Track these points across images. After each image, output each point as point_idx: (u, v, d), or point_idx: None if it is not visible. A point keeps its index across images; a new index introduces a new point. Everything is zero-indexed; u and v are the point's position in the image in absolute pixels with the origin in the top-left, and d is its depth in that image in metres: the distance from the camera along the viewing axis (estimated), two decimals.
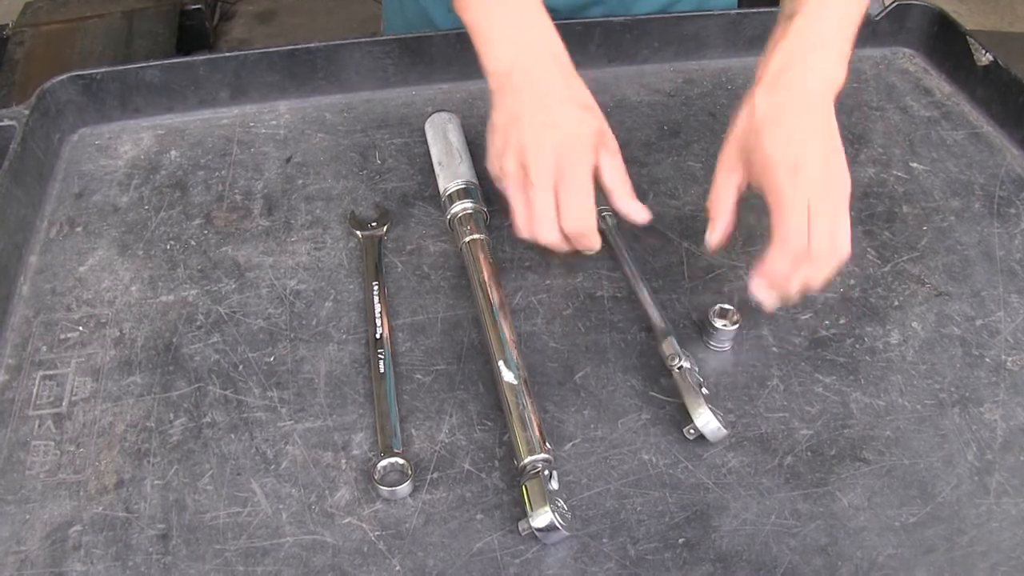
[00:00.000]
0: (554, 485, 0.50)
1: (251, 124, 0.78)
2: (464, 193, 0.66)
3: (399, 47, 0.80)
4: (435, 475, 0.52)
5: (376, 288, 0.62)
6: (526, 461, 0.50)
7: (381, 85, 0.76)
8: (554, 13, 0.74)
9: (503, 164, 0.58)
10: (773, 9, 0.85)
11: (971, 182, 0.73)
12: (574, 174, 0.57)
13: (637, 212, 0.61)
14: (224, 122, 0.79)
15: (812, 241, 0.55)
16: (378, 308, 0.61)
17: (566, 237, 0.58)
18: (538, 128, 0.57)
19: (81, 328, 0.60)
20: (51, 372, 0.58)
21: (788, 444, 0.54)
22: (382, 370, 0.57)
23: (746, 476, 0.52)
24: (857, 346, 0.60)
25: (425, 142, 0.74)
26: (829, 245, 0.55)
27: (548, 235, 0.57)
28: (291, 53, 0.78)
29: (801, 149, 0.56)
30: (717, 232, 0.60)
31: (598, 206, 0.67)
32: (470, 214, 0.65)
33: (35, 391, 0.56)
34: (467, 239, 0.64)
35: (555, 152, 0.56)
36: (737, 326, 0.58)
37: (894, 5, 0.86)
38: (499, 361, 0.55)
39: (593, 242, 0.59)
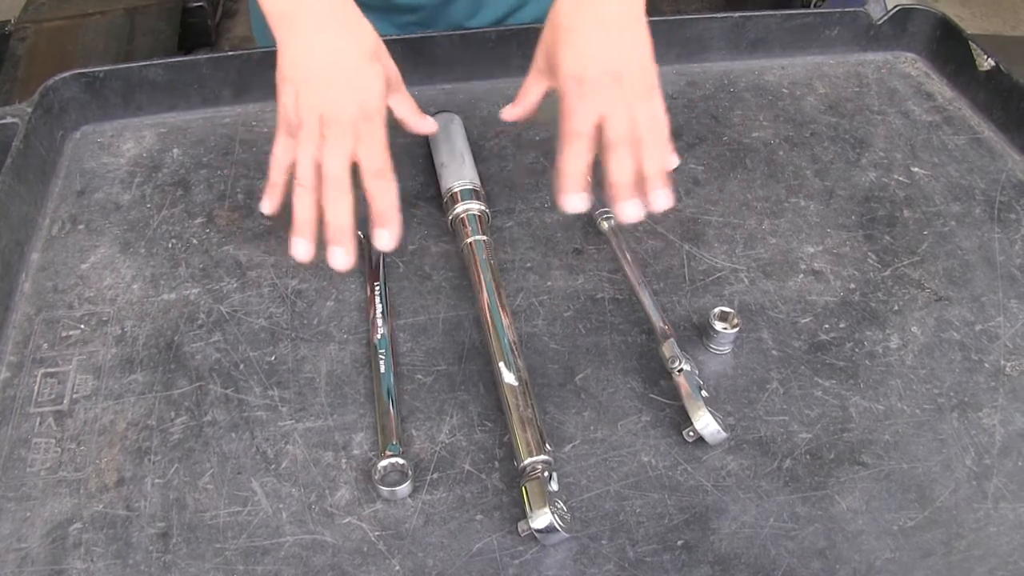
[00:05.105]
0: (554, 486, 0.50)
1: (253, 123, 0.78)
2: (466, 194, 0.66)
3: (402, 47, 0.80)
4: (435, 476, 0.52)
5: (377, 288, 0.62)
6: (526, 462, 0.50)
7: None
8: (414, 11, 0.84)
9: (301, 122, 0.59)
10: (775, 12, 0.85)
11: (972, 187, 0.74)
12: (371, 132, 0.59)
13: (426, 126, 0.67)
14: (227, 121, 0.79)
15: (608, 132, 0.59)
16: (379, 308, 0.61)
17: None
18: (336, 92, 0.59)
19: (83, 326, 0.61)
20: (52, 370, 0.58)
21: (787, 447, 0.54)
22: (383, 370, 0.57)
23: (745, 479, 0.53)
24: (857, 350, 0.60)
25: (427, 143, 0.75)
26: (628, 131, 0.58)
27: (338, 191, 0.58)
28: None
29: (591, 61, 0.60)
30: (515, 112, 0.66)
31: (598, 209, 0.67)
32: (472, 215, 0.65)
33: (36, 388, 0.57)
34: (469, 240, 0.64)
35: (354, 114, 0.58)
36: (737, 329, 0.58)
37: (896, 9, 0.87)
38: (500, 362, 0.55)
39: (392, 194, 0.60)
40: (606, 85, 0.59)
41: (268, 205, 0.62)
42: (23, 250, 0.65)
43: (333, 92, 0.59)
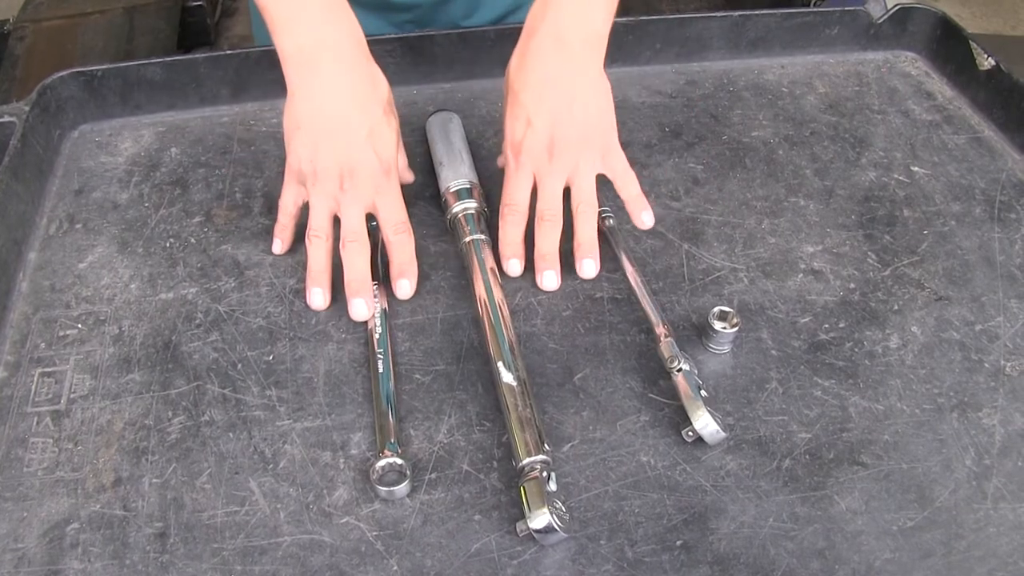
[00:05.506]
0: (552, 486, 0.50)
1: (252, 122, 0.78)
2: (465, 193, 0.66)
3: (401, 46, 0.80)
4: (433, 475, 0.52)
5: (376, 287, 0.62)
6: (524, 462, 0.50)
7: None
8: (410, 10, 0.84)
9: (317, 174, 0.60)
10: (775, 11, 0.85)
11: (972, 186, 0.73)
12: (388, 187, 0.61)
13: (408, 179, 0.69)
14: (225, 120, 0.79)
15: (540, 204, 0.63)
16: (378, 307, 0.61)
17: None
18: (356, 147, 0.59)
19: (80, 325, 0.60)
20: (50, 369, 0.58)
21: (786, 447, 0.54)
22: (381, 370, 0.57)
23: (744, 479, 0.52)
24: (856, 350, 0.60)
25: (426, 141, 0.74)
26: (556, 205, 0.63)
27: (358, 245, 0.60)
28: None
29: (528, 130, 0.62)
30: (503, 160, 0.66)
31: (601, 206, 0.67)
32: (471, 214, 0.65)
33: (34, 388, 0.56)
34: (467, 239, 0.64)
35: (373, 170, 0.60)
36: (736, 329, 0.58)
37: (896, 8, 0.86)
38: (498, 362, 0.55)
39: (411, 244, 0.63)
40: (539, 155, 0.62)
41: (279, 246, 0.65)
42: (20, 249, 0.65)
43: (355, 145, 0.59)
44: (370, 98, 0.61)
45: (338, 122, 0.60)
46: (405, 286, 0.62)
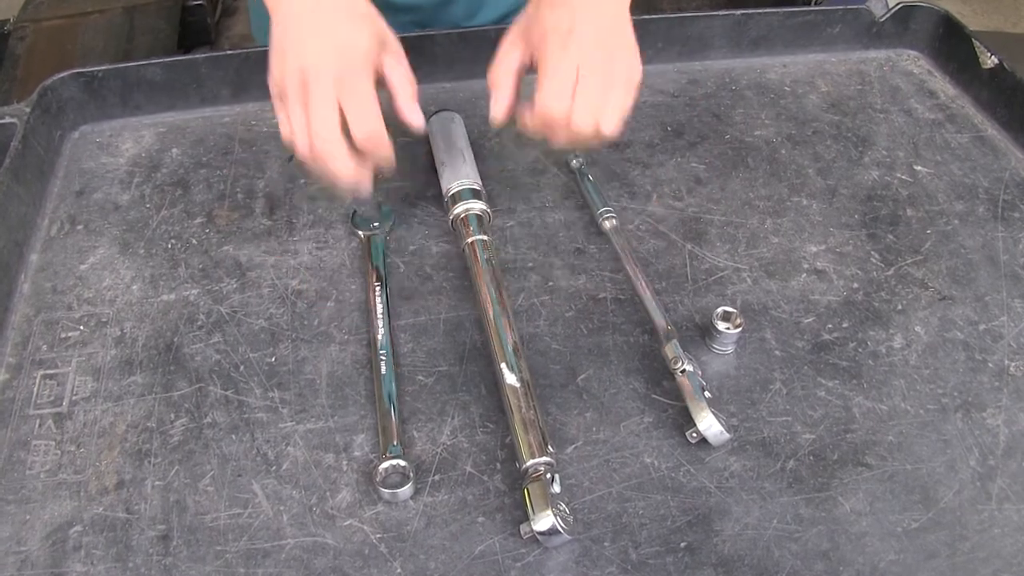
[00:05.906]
0: (556, 488, 0.50)
1: (253, 122, 0.78)
2: (467, 193, 0.66)
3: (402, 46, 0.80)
4: (436, 477, 0.52)
5: (378, 289, 0.62)
6: (528, 464, 0.50)
7: (383, 84, 0.75)
8: (412, 12, 0.83)
9: (284, 84, 0.57)
10: (777, 10, 0.85)
11: (975, 185, 0.73)
12: (354, 84, 0.57)
13: (414, 117, 0.62)
14: (226, 120, 0.78)
15: (574, 112, 0.56)
16: (380, 309, 0.61)
17: (357, 150, 0.58)
18: (317, 46, 0.57)
19: (82, 327, 0.60)
20: (52, 371, 0.57)
21: (790, 448, 0.54)
22: (384, 371, 0.56)
23: (748, 480, 0.52)
24: (860, 350, 0.60)
25: (428, 141, 0.74)
26: (590, 118, 0.56)
27: (329, 147, 0.56)
28: None
29: (576, 20, 0.57)
30: (499, 104, 0.61)
31: (603, 207, 0.67)
32: (473, 215, 0.65)
33: (36, 390, 0.56)
34: (470, 240, 0.63)
35: (335, 67, 0.56)
36: (740, 329, 0.58)
37: (899, 6, 0.86)
38: (501, 363, 0.55)
39: (386, 149, 0.58)
40: (590, 44, 0.57)
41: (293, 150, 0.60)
42: (22, 251, 0.65)
43: (314, 48, 0.57)
44: (340, 8, 0.59)
45: (304, 31, 0.58)
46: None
